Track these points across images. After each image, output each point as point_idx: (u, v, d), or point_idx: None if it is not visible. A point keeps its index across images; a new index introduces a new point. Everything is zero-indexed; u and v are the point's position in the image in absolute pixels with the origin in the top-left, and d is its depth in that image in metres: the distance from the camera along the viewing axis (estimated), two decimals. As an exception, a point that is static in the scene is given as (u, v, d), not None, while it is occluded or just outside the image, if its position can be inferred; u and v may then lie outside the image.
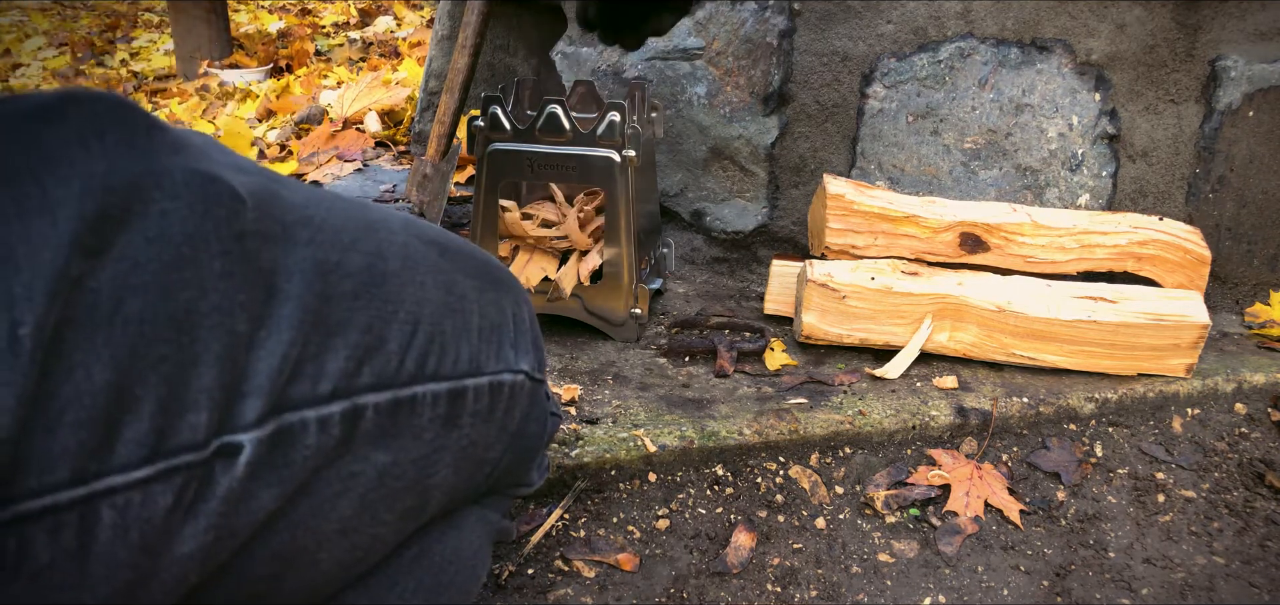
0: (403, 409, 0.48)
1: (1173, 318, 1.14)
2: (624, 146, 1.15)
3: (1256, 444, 1.14)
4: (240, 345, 0.40)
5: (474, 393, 0.53)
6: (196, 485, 0.38)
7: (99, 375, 0.34)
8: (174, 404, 0.37)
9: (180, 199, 0.38)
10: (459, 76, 1.55)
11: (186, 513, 0.37)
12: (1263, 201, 1.45)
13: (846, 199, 1.26)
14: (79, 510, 0.34)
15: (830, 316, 1.19)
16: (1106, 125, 1.43)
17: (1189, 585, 0.93)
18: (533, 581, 0.88)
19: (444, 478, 0.52)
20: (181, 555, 0.38)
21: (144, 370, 0.36)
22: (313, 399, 0.42)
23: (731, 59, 1.46)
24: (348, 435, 0.45)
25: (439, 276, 0.52)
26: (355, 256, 0.46)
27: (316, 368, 0.43)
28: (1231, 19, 1.38)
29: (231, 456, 0.39)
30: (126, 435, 0.35)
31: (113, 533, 0.35)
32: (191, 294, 0.38)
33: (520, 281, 1.24)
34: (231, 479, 0.39)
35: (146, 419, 0.36)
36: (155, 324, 0.36)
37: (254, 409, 0.40)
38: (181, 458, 0.37)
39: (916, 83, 1.43)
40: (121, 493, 0.35)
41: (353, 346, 0.45)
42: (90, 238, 0.35)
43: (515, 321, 0.58)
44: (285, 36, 3.77)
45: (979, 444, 1.10)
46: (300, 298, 0.42)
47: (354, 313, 0.45)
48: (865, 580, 0.91)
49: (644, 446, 1.00)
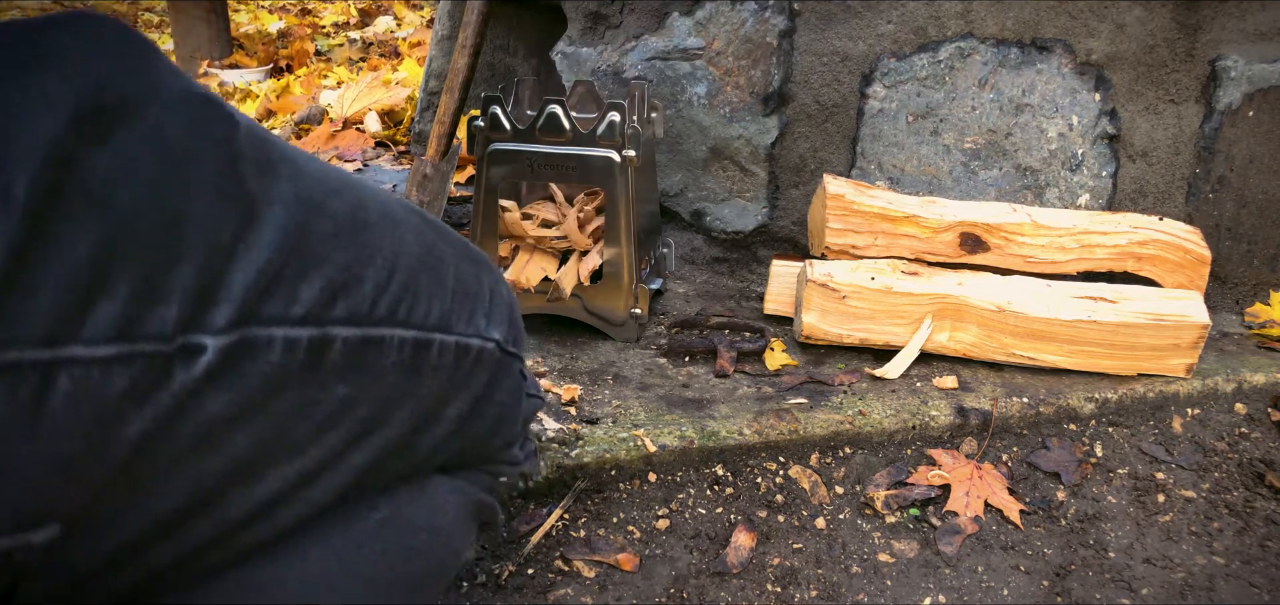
0: (371, 348, 0.49)
1: (1173, 318, 1.14)
2: (624, 146, 1.15)
3: (1256, 444, 1.14)
4: (220, 254, 0.41)
5: (439, 347, 0.54)
6: (154, 376, 0.39)
7: (82, 250, 0.36)
8: (148, 294, 0.38)
9: (178, 112, 0.40)
10: (459, 76, 1.55)
11: (139, 400, 0.39)
12: (1263, 201, 1.45)
13: (846, 199, 1.26)
14: (41, 372, 0.35)
15: (830, 316, 1.19)
16: (1106, 125, 1.43)
17: (1189, 585, 0.93)
18: (533, 581, 0.88)
19: (401, 426, 0.54)
20: (128, 438, 0.39)
21: (125, 257, 0.37)
22: (283, 319, 0.44)
23: (731, 59, 1.46)
24: (313, 361, 0.46)
25: (419, 237, 0.54)
26: (337, 202, 0.48)
27: (291, 291, 0.44)
28: (1231, 19, 1.38)
29: (193, 355, 0.40)
30: (98, 313, 0.36)
31: (66, 401, 0.36)
32: (180, 198, 0.39)
33: (519, 281, 1.25)
34: (189, 377, 0.40)
35: (120, 302, 0.37)
36: (142, 216, 0.38)
37: (223, 316, 0.41)
38: (145, 345, 0.38)
39: (916, 83, 1.43)
40: (82, 365, 0.36)
41: (329, 279, 0.46)
42: (88, 125, 0.36)
43: (491, 295, 0.60)
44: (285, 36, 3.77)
45: (979, 444, 1.10)
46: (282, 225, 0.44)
47: (332, 250, 0.47)
48: (865, 580, 0.91)
49: (644, 446, 1.00)
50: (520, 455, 0.69)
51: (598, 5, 1.49)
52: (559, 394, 1.09)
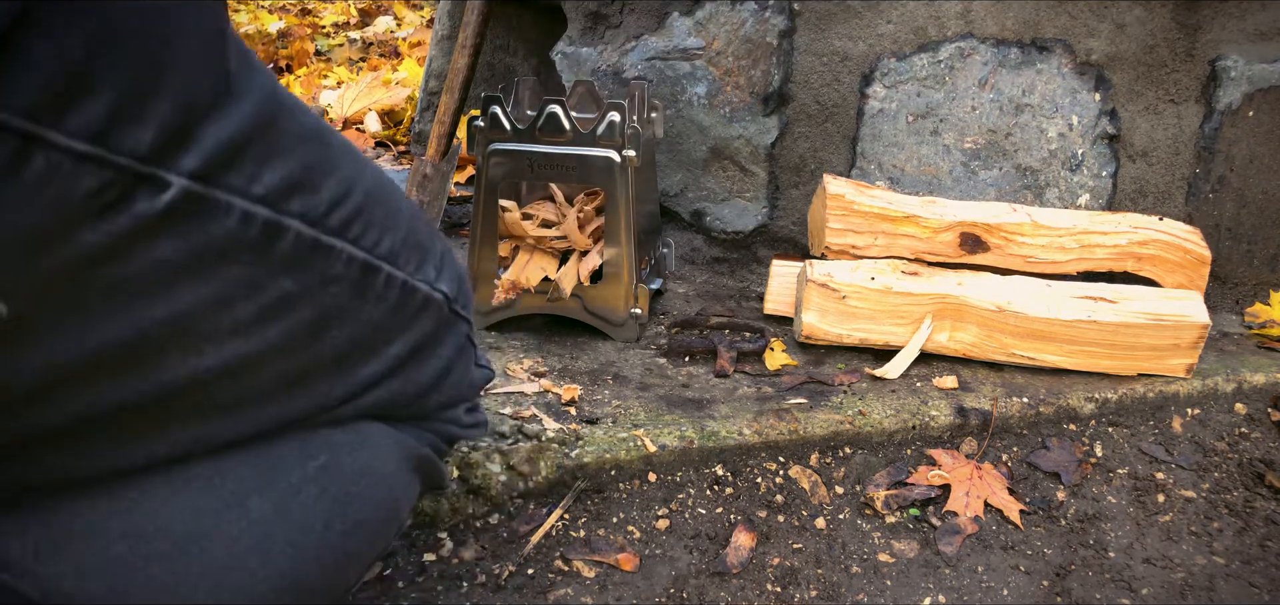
0: (320, 252, 0.51)
1: (1173, 318, 1.14)
2: (624, 146, 1.15)
3: (1256, 444, 1.14)
4: (197, 108, 0.43)
5: (386, 279, 0.57)
6: (117, 193, 0.41)
7: (74, 47, 0.37)
8: (129, 111, 0.40)
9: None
10: (459, 76, 1.55)
11: (100, 210, 0.40)
12: (1263, 201, 1.45)
13: (846, 199, 1.26)
14: (21, 138, 0.37)
15: (830, 316, 1.19)
16: (1106, 125, 1.43)
17: (1189, 585, 0.93)
18: (533, 581, 0.88)
19: (338, 340, 0.56)
20: (82, 243, 0.41)
21: (113, 66, 0.39)
22: (243, 192, 0.46)
23: (731, 59, 1.46)
24: (265, 243, 0.48)
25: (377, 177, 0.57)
26: (306, 117, 0.51)
27: (254, 169, 0.46)
28: (1231, 19, 1.38)
29: (157, 188, 0.42)
30: (81, 108, 0.38)
31: (35, 180, 0.38)
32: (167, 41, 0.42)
33: (519, 281, 1.24)
34: (148, 207, 0.42)
35: (101, 106, 0.39)
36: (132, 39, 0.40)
37: (190, 163, 0.43)
38: (117, 157, 0.40)
39: (916, 83, 1.43)
40: (58, 151, 0.38)
41: (289, 173, 0.48)
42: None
43: (443, 256, 0.63)
44: (285, 36, 3.77)
45: (979, 444, 1.10)
46: (255, 108, 0.46)
47: (296, 148, 0.49)
48: (865, 580, 0.91)
49: (644, 446, 1.00)
50: (465, 419, 0.71)
51: (598, 5, 1.49)
52: (559, 394, 1.09)
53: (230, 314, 0.48)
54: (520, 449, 0.97)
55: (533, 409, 1.05)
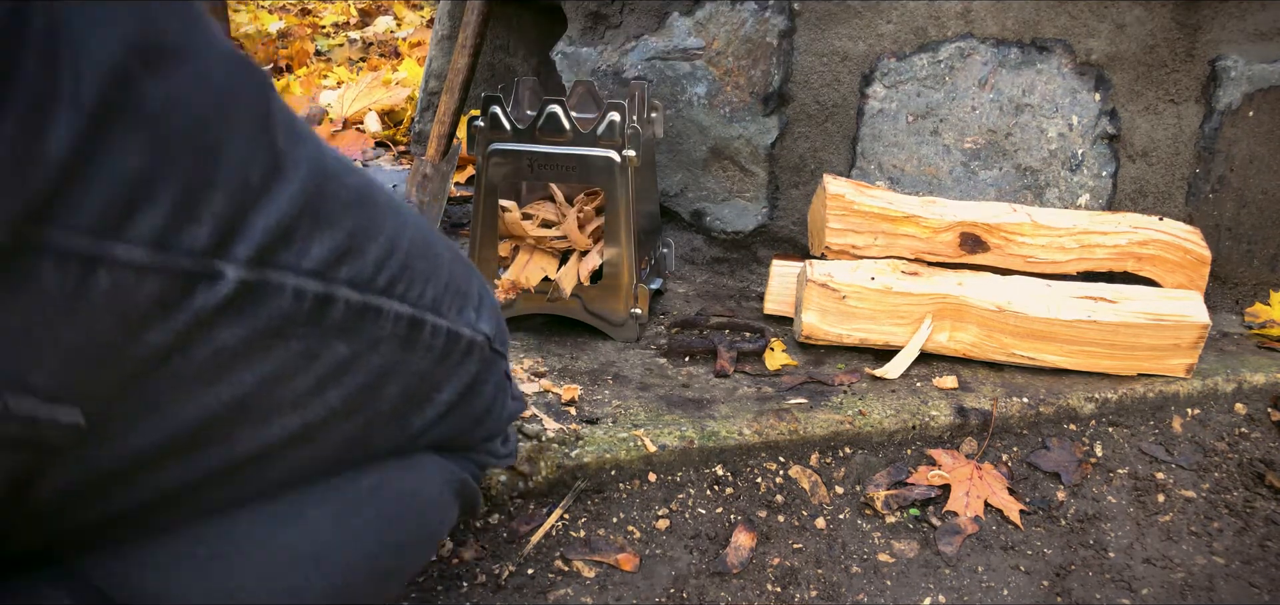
0: (369, 315, 0.53)
1: (1173, 318, 1.14)
2: (624, 146, 1.15)
3: (1256, 444, 1.14)
4: (248, 193, 0.44)
5: (432, 329, 0.58)
6: (179, 291, 0.42)
7: (134, 161, 0.39)
8: (186, 212, 0.41)
9: (223, 62, 0.44)
10: (459, 76, 1.55)
11: (163, 310, 0.42)
12: (1263, 201, 1.45)
13: (846, 199, 1.26)
14: (86, 261, 0.38)
15: (830, 316, 1.19)
16: (1106, 125, 1.43)
17: (1189, 585, 0.93)
18: (533, 581, 0.88)
19: (393, 395, 0.58)
20: (149, 344, 0.42)
21: (170, 174, 0.41)
22: (295, 268, 0.47)
23: (731, 59, 1.46)
24: (318, 315, 0.50)
25: (418, 228, 0.58)
26: (350, 178, 0.52)
27: (304, 246, 0.48)
28: (1231, 19, 1.38)
29: (214, 280, 0.43)
30: (141, 219, 0.40)
31: (104, 296, 0.39)
32: (220, 134, 0.43)
33: (520, 281, 1.24)
34: (207, 300, 0.43)
35: (160, 213, 0.40)
36: (188, 143, 0.41)
37: (244, 251, 0.44)
38: (177, 259, 0.42)
39: (916, 83, 1.43)
40: (122, 265, 0.39)
41: (337, 243, 0.50)
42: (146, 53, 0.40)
43: (481, 296, 0.64)
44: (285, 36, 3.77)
45: (979, 444, 1.10)
46: (303, 184, 0.47)
47: (343, 217, 0.50)
48: (865, 580, 0.91)
49: (644, 446, 1.00)
50: (502, 450, 0.74)
51: (598, 5, 1.49)
52: (559, 394, 1.09)
53: (290, 387, 0.50)
54: (520, 449, 0.97)
55: (533, 409, 1.05)
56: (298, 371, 0.50)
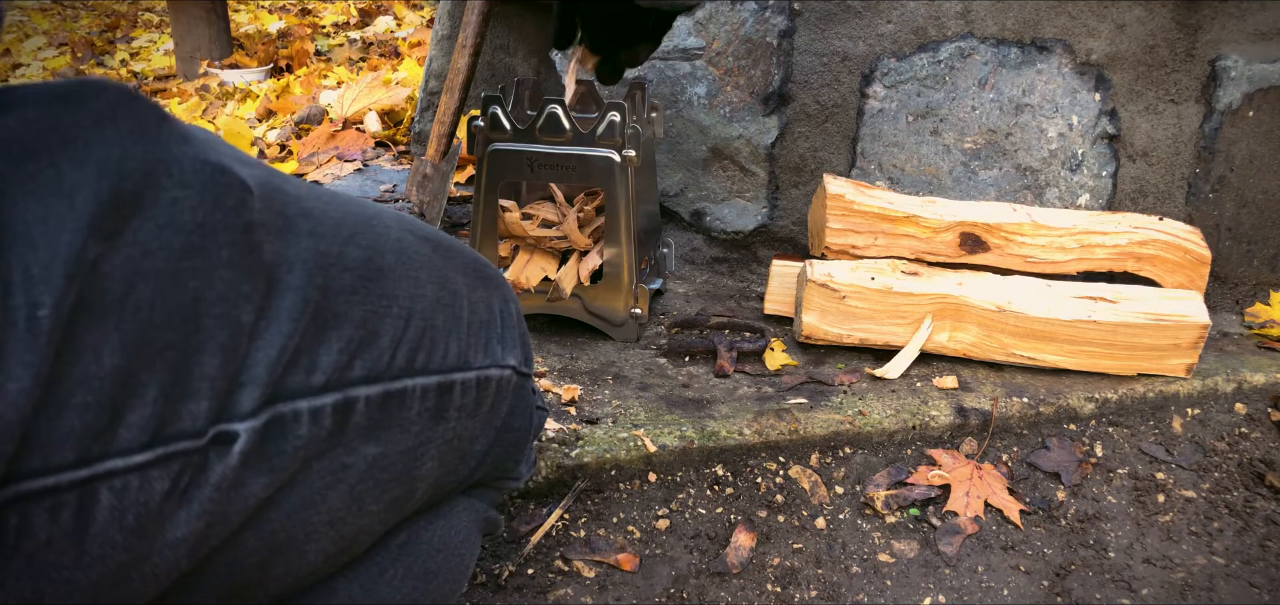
0: (393, 402, 0.49)
1: (1173, 318, 1.14)
2: (624, 146, 1.15)
3: (1256, 444, 1.14)
4: (242, 335, 0.40)
5: (461, 387, 0.54)
6: (192, 472, 0.38)
7: (108, 360, 0.35)
8: (176, 391, 0.37)
9: (191, 187, 0.39)
10: (459, 76, 1.55)
11: (181, 498, 0.38)
12: (1263, 201, 1.45)
13: (846, 199, 1.26)
14: (79, 491, 0.34)
15: (830, 316, 1.19)
16: (1106, 125, 1.43)
17: (1189, 585, 0.93)
18: (533, 581, 0.88)
19: (430, 469, 0.53)
20: (174, 540, 0.39)
21: (150, 357, 0.36)
22: (306, 390, 0.43)
23: (731, 59, 1.46)
24: (339, 427, 0.45)
25: (432, 272, 0.53)
26: (353, 250, 0.47)
27: (311, 360, 0.43)
28: (1231, 19, 1.38)
29: (227, 444, 0.40)
30: (129, 420, 0.36)
31: (110, 515, 0.35)
32: (199, 283, 0.38)
33: (520, 281, 1.24)
34: (225, 466, 0.39)
35: (150, 405, 0.36)
36: (164, 311, 0.37)
37: (251, 399, 0.40)
38: (180, 444, 0.38)
39: (916, 83, 1.43)
40: (120, 476, 0.35)
41: (347, 340, 0.45)
42: (106, 221, 0.35)
43: (503, 318, 0.60)
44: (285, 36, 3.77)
45: (979, 444, 1.10)
46: (301, 290, 0.43)
47: (350, 307, 0.46)
48: (865, 580, 0.91)
49: (644, 446, 1.00)
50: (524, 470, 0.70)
51: (598, 5, 1.49)
52: (559, 394, 1.09)
53: (323, 508, 0.47)
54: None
55: (533, 409, 1.05)
56: (328, 489, 0.46)
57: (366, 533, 0.51)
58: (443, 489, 0.58)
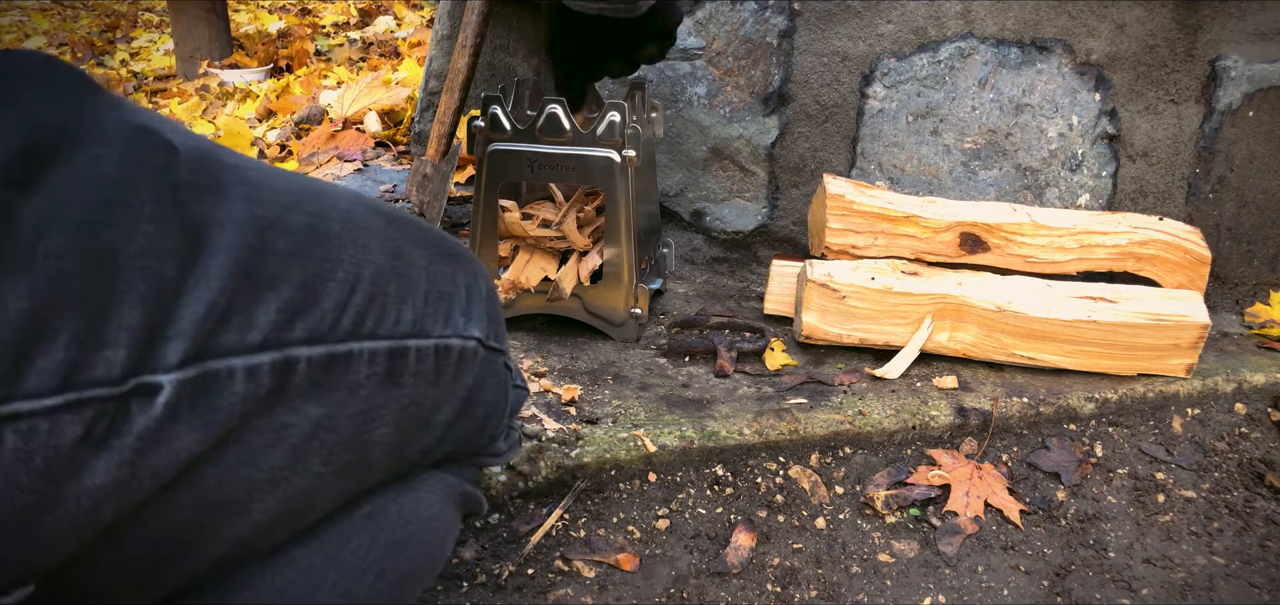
0: (337, 364, 0.48)
1: (1173, 318, 1.14)
2: (624, 146, 1.15)
3: (1256, 444, 1.14)
4: (167, 290, 0.40)
5: (417, 354, 0.53)
6: (109, 420, 0.38)
7: (14, 304, 0.35)
8: (91, 339, 0.37)
9: (113, 146, 0.39)
10: (459, 76, 1.55)
11: (98, 446, 0.38)
12: (1263, 201, 1.45)
13: (846, 199, 1.25)
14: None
15: (830, 316, 1.19)
16: (1106, 125, 1.43)
17: (1189, 585, 0.93)
18: (533, 581, 0.88)
19: (385, 435, 0.53)
20: (92, 487, 0.39)
21: (62, 304, 0.37)
22: (241, 348, 0.43)
23: (731, 59, 1.46)
24: (279, 386, 0.45)
25: (385, 243, 0.53)
26: (295, 216, 0.47)
27: (246, 318, 0.43)
28: (1231, 19, 1.38)
29: (149, 396, 0.40)
30: (38, 365, 0.36)
31: (15, 456, 0.36)
32: (118, 235, 0.38)
33: (520, 281, 1.24)
34: (149, 418, 0.40)
35: (61, 350, 0.36)
36: (77, 260, 0.37)
37: (176, 352, 0.40)
38: (94, 391, 0.38)
39: (916, 83, 1.43)
40: (26, 418, 0.36)
41: (285, 301, 0.45)
42: (17, 170, 0.36)
43: (468, 291, 0.59)
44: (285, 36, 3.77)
45: (979, 444, 1.10)
46: (232, 250, 0.43)
47: (289, 268, 0.46)
48: (865, 580, 0.91)
49: (644, 446, 1.00)
50: (504, 447, 0.69)
51: (598, 5, 1.49)
52: (559, 394, 1.09)
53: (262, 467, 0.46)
54: (520, 449, 0.97)
55: (533, 409, 1.05)
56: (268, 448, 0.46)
57: (319, 496, 0.51)
58: (406, 458, 0.58)
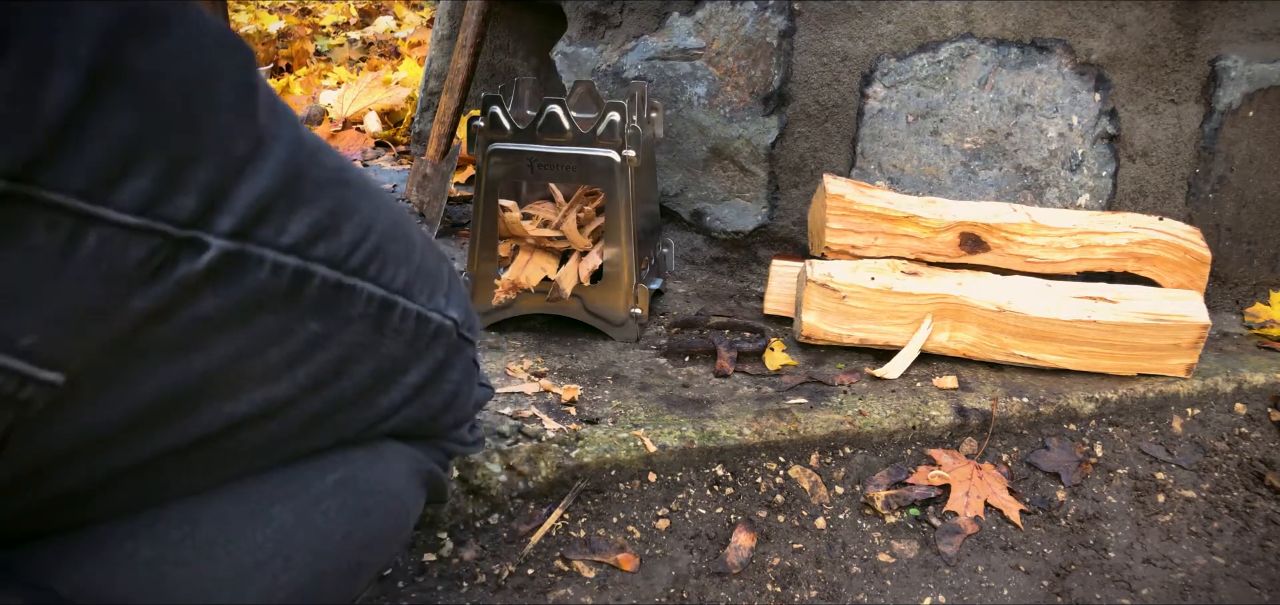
0: (343, 293, 0.53)
1: (1173, 318, 1.14)
2: (624, 146, 1.15)
3: (1256, 444, 1.14)
4: (231, 168, 0.45)
5: (402, 312, 0.58)
6: (163, 257, 0.43)
7: (126, 124, 0.40)
8: (172, 180, 0.42)
9: (210, 35, 0.45)
10: (459, 76, 1.55)
11: (149, 277, 0.43)
12: (1263, 201, 1.45)
13: (846, 199, 1.25)
14: (75, 220, 0.39)
15: (830, 316, 1.19)
16: (1106, 125, 1.43)
17: (1189, 585, 0.93)
18: (533, 581, 0.88)
19: (360, 377, 0.58)
20: (133, 310, 0.43)
21: (158, 140, 0.41)
22: (273, 243, 0.48)
23: (731, 59, 1.46)
24: (294, 290, 0.50)
25: (392, 212, 0.59)
26: (327, 158, 0.53)
27: (282, 221, 0.48)
28: (1231, 19, 1.38)
29: (198, 251, 0.44)
30: (131, 183, 0.40)
31: (90, 255, 0.40)
32: (205, 105, 0.44)
33: (520, 281, 1.24)
34: (190, 268, 0.44)
35: (148, 179, 0.41)
36: (176, 110, 0.42)
37: (226, 223, 0.45)
38: (163, 226, 0.42)
39: (916, 83, 1.43)
40: (109, 226, 0.40)
41: (314, 221, 0.50)
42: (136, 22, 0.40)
43: (450, 282, 0.65)
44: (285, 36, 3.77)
45: (979, 444, 1.10)
46: (283, 160, 0.48)
47: (320, 195, 0.51)
48: (865, 580, 0.91)
49: (644, 446, 1.00)
50: (469, 437, 0.74)
51: (598, 5, 1.49)
52: (559, 394, 1.09)
53: (262, 360, 0.51)
54: (520, 449, 0.97)
55: (533, 409, 1.05)
56: (270, 345, 0.51)
57: (293, 411, 0.55)
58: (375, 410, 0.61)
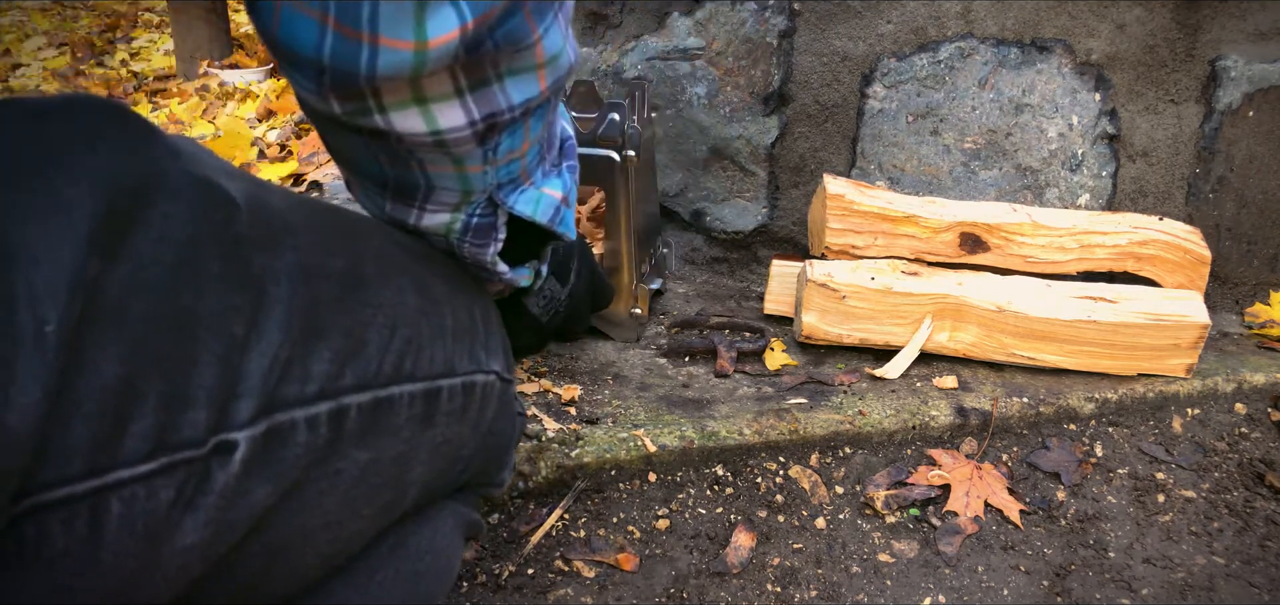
0: (382, 408, 0.50)
1: (1173, 318, 1.14)
2: (624, 146, 1.15)
3: (1256, 444, 1.14)
4: (235, 347, 0.41)
5: (448, 392, 0.55)
6: (196, 480, 0.39)
7: (109, 372, 0.36)
8: (176, 401, 0.38)
9: (181, 201, 0.40)
10: (459, 76, 1.53)
11: (187, 506, 0.39)
12: (1263, 201, 1.45)
13: (846, 199, 1.25)
14: (91, 501, 0.35)
15: (830, 316, 1.19)
16: (1106, 125, 1.43)
17: (1189, 585, 0.93)
18: (533, 581, 0.88)
19: (420, 474, 0.55)
20: (184, 546, 0.40)
21: (149, 367, 0.37)
22: (301, 399, 0.44)
23: (731, 59, 1.46)
24: (334, 434, 0.47)
25: (414, 281, 0.54)
26: (337, 261, 0.48)
27: (303, 370, 0.45)
28: (1231, 19, 1.38)
29: (227, 453, 0.41)
30: (133, 430, 0.37)
31: (120, 523, 0.37)
32: (191, 295, 0.40)
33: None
34: (227, 475, 0.41)
35: (151, 415, 0.37)
36: (159, 323, 0.38)
37: (247, 409, 0.41)
38: (183, 453, 0.39)
39: (916, 83, 1.43)
40: (128, 485, 0.37)
41: (336, 349, 0.46)
42: (103, 236, 0.36)
43: (484, 323, 0.61)
44: (285, 36, 3.76)
45: (979, 444, 1.10)
46: (288, 302, 0.44)
47: (337, 316, 0.47)
48: (865, 580, 0.91)
49: (644, 446, 1.00)
50: (506, 477, 0.71)
51: (598, 5, 1.49)
52: (559, 394, 1.09)
53: (320, 513, 0.48)
54: (520, 449, 0.97)
55: (533, 409, 1.05)
56: (324, 495, 0.47)
57: (360, 536, 0.53)
58: (433, 493, 0.59)
